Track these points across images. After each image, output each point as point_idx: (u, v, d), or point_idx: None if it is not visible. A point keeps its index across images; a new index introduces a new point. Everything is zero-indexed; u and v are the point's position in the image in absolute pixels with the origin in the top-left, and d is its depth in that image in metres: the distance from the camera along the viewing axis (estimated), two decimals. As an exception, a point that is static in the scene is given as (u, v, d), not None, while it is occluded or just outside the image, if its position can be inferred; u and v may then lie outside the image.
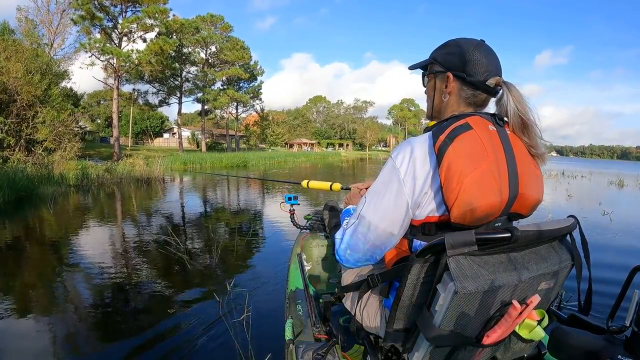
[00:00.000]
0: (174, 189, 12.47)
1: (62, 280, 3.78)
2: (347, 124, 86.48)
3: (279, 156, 34.30)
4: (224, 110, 42.83)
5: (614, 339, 0.91)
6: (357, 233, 1.01)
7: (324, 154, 52.56)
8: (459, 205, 0.90)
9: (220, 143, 50.25)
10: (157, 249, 4.74)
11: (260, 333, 2.60)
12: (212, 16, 34.70)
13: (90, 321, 2.91)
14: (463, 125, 0.95)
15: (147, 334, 2.66)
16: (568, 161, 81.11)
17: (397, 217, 0.96)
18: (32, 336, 2.67)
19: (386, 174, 0.98)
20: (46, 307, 3.15)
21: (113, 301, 3.32)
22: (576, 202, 9.95)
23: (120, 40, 23.86)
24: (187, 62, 34.06)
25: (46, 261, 4.47)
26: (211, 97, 35.12)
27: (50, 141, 16.12)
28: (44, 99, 16.75)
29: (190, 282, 3.74)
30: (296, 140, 69.46)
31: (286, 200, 2.41)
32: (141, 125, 49.41)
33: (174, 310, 3.06)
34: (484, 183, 0.91)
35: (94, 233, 5.85)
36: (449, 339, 0.88)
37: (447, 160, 0.90)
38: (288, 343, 1.39)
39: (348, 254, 1.05)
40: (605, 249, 5.08)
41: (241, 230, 6.11)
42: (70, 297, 3.39)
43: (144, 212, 7.84)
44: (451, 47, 1.08)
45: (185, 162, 22.30)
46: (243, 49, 37.22)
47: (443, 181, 0.91)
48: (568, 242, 1.03)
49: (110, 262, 4.32)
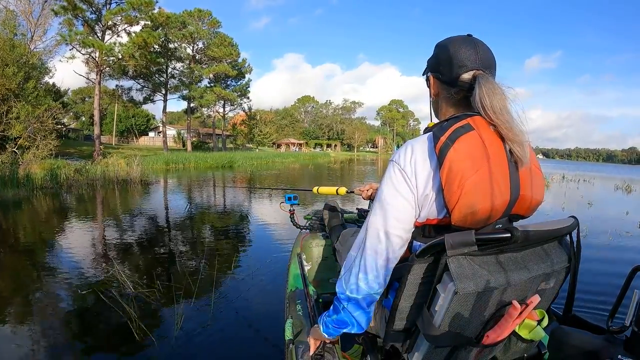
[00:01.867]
0: (152, 192, 11.36)
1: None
2: (336, 124, 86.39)
3: (267, 156, 33.20)
4: (211, 109, 41.94)
5: (614, 339, 0.90)
6: (367, 249, 0.97)
7: (312, 154, 51.86)
8: (460, 208, 0.88)
9: (207, 142, 49.41)
10: (140, 252, 4.34)
11: (260, 333, 2.60)
12: (200, 11, 33.74)
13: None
14: (464, 126, 0.92)
15: (138, 338, 2.49)
16: (555, 163, 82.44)
17: (408, 220, 0.95)
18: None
19: (392, 179, 0.95)
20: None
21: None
22: (600, 210, 9.01)
23: (103, 34, 22.83)
24: (172, 58, 33.03)
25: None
26: (197, 94, 34.09)
27: (24, 138, 15.17)
28: (19, 93, 15.73)
29: (185, 283, 3.45)
30: (284, 140, 69.04)
31: (286, 200, 2.42)
32: (126, 123, 47.98)
33: (173, 311, 2.89)
34: (485, 186, 0.88)
35: (30, 251, 4.91)
36: (449, 339, 0.88)
37: (449, 162, 0.87)
38: (288, 343, 1.38)
39: (361, 279, 0.98)
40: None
41: (239, 230, 6.08)
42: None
43: (112, 220, 6.98)
44: (435, 49, 1.06)
45: (167, 162, 21.07)
46: (231, 46, 36.35)
47: (444, 184, 0.88)
48: (567, 243, 1.02)
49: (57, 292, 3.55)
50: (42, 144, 15.09)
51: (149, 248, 4.89)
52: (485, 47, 1.00)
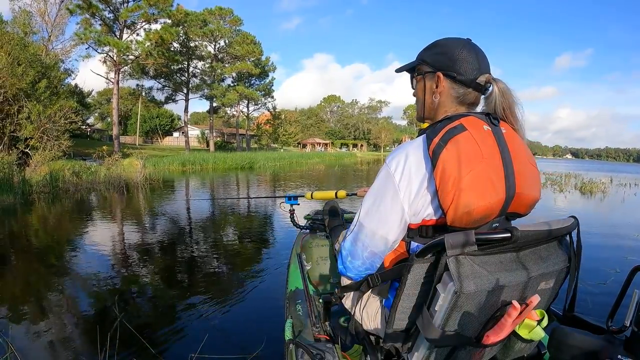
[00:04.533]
0: (152, 196, 10.41)
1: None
2: (362, 124, 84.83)
3: (291, 157, 32.05)
4: (234, 108, 41.44)
5: (614, 339, 0.90)
6: (357, 240, 1.01)
7: (338, 154, 50.41)
8: (455, 208, 0.89)
9: (231, 142, 49.09)
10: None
11: (260, 333, 2.57)
12: (221, 9, 33.09)
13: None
14: (457, 126, 0.92)
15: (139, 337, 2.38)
16: (588, 164, 78.10)
17: (394, 223, 0.95)
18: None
19: (381, 181, 0.97)
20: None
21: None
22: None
23: (121, 33, 22.46)
24: (193, 57, 32.52)
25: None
26: (219, 93, 33.44)
27: (36, 139, 14.70)
28: (30, 92, 15.27)
29: (186, 283, 3.62)
30: (309, 140, 68.25)
31: (286, 200, 2.41)
32: (150, 123, 48.35)
33: (172, 311, 2.96)
34: (479, 185, 0.89)
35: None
36: (449, 339, 0.87)
37: (442, 163, 0.88)
38: (288, 343, 1.35)
39: (349, 262, 1.05)
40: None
41: (239, 230, 6.07)
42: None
43: (106, 230, 6.09)
44: (439, 47, 1.05)
45: (184, 163, 20.30)
46: (254, 44, 35.60)
47: (438, 185, 0.89)
48: (567, 243, 1.02)
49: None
50: (49, 145, 14.57)
51: (146, 252, 4.69)
52: (483, 52, 1.04)
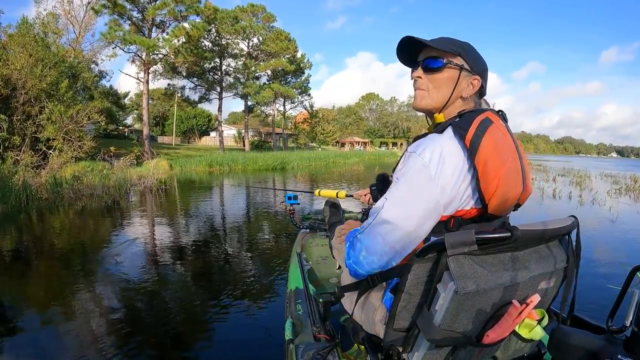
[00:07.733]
0: (164, 202, 9.48)
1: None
2: (401, 122, 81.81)
3: (327, 156, 30.58)
4: (270, 107, 40.66)
5: (614, 339, 0.90)
6: (376, 234, 0.95)
7: (378, 153, 48.42)
8: (498, 196, 0.91)
9: (267, 142, 48.49)
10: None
11: (260, 333, 2.57)
12: (253, 6, 32.26)
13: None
14: (485, 119, 0.94)
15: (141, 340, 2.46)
16: (637, 163, 71.50)
17: (426, 217, 0.92)
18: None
19: (413, 173, 0.93)
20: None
21: None
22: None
23: (149, 32, 22.04)
24: (225, 54, 31.87)
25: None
26: (252, 90, 32.61)
27: (58, 140, 14.28)
28: (51, 92, 14.90)
29: (183, 284, 3.61)
30: (348, 139, 66.59)
31: (286, 200, 2.38)
32: (187, 124, 48.77)
33: (168, 312, 2.94)
34: (512, 175, 0.93)
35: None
36: (449, 338, 0.87)
37: (483, 153, 0.89)
38: (288, 343, 1.36)
39: (362, 257, 0.97)
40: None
41: (238, 230, 6.05)
42: None
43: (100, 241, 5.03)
44: (475, 51, 1.06)
45: (210, 164, 19.40)
46: (288, 40, 34.55)
47: (480, 174, 0.90)
48: (567, 242, 1.02)
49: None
50: (71, 147, 14.10)
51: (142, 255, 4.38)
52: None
